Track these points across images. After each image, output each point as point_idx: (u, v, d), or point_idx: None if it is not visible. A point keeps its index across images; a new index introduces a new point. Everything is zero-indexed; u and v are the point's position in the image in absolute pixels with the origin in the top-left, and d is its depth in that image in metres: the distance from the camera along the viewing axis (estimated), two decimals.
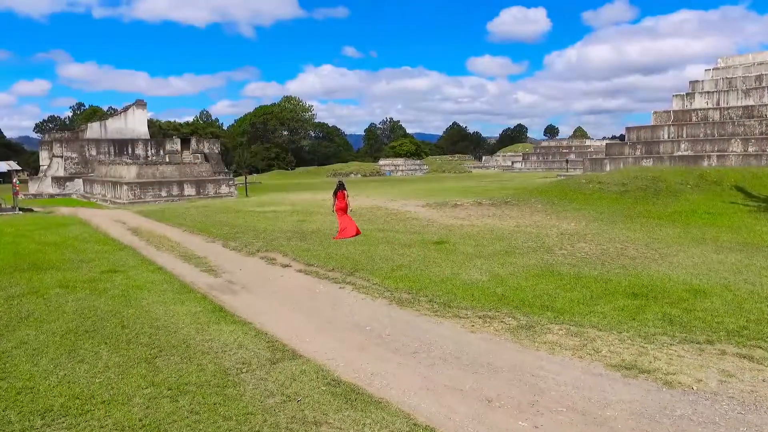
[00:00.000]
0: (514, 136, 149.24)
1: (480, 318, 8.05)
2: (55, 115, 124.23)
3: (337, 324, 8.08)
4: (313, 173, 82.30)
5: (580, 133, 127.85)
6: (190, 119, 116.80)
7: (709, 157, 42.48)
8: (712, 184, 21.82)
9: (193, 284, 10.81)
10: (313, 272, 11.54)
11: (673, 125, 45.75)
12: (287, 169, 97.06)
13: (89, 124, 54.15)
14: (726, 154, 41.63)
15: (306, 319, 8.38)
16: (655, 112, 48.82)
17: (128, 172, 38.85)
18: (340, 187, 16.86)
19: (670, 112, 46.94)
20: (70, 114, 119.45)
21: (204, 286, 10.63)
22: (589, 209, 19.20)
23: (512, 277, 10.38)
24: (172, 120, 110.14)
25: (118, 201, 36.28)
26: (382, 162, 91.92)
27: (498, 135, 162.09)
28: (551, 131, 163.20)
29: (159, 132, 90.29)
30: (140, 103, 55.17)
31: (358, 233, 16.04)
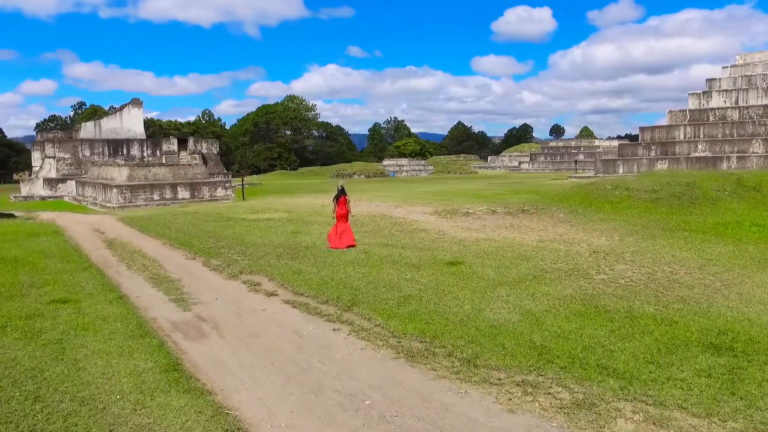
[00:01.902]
0: (520, 135, 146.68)
1: (518, 386, 5.99)
2: (57, 115, 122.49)
3: (326, 394, 6.03)
4: (315, 173, 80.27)
5: (586, 133, 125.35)
6: (192, 119, 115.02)
7: (728, 158, 40.29)
8: (751, 190, 19.67)
9: (154, 322, 8.78)
10: (303, 304, 9.49)
11: (689, 125, 43.55)
12: (290, 170, 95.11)
13: (83, 124, 52.31)
14: (746, 155, 39.42)
15: (285, 384, 6.34)
16: (670, 112, 46.62)
17: (119, 174, 36.91)
18: (341, 193, 15.11)
19: (686, 111, 44.74)
20: (72, 114, 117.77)
21: (166, 326, 8.60)
22: (619, 220, 17.07)
23: (549, 316, 8.31)
24: (173, 120, 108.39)
25: (107, 205, 34.36)
26: (386, 162, 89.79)
27: (503, 134, 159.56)
28: (557, 131, 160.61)
29: (159, 132, 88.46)
30: (136, 102, 53.26)
31: (351, 245, 14.43)
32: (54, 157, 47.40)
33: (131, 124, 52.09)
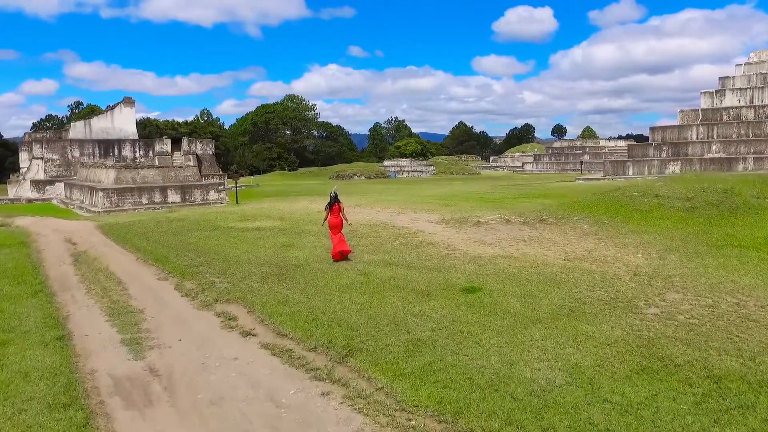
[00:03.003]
0: (522, 135, 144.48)
1: None
2: (54, 114, 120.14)
3: None
4: (315, 174, 78.26)
5: (589, 133, 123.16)
6: (190, 118, 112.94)
7: (744, 159, 38.30)
8: None
9: (92, 378, 6.80)
10: (285, 351, 7.52)
11: (702, 125, 41.55)
12: (289, 170, 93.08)
13: (73, 124, 50.43)
14: (764, 156, 37.43)
15: None
16: (682, 111, 44.61)
17: (106, 176, 34.93)
18: (335, 200, 13.37)
19: (698, 110, 42.74)
20: (68, 113, 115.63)
21: (106, 385, 6.62)
22: (652, 233, 15.07)
23: (605, 376, 6.32)
24: (170, 119, 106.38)
25: (93, 209, 32.40)
26: (387, 163, 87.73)
27: (504, 134, 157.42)
28: (559, 131, 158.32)
29: (156, 132, 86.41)
30: (128, 101, 51.34)
31: (345, 255, 13.09)
32: (42, 158, 45.47)
33: (123, 123, 50.16)
